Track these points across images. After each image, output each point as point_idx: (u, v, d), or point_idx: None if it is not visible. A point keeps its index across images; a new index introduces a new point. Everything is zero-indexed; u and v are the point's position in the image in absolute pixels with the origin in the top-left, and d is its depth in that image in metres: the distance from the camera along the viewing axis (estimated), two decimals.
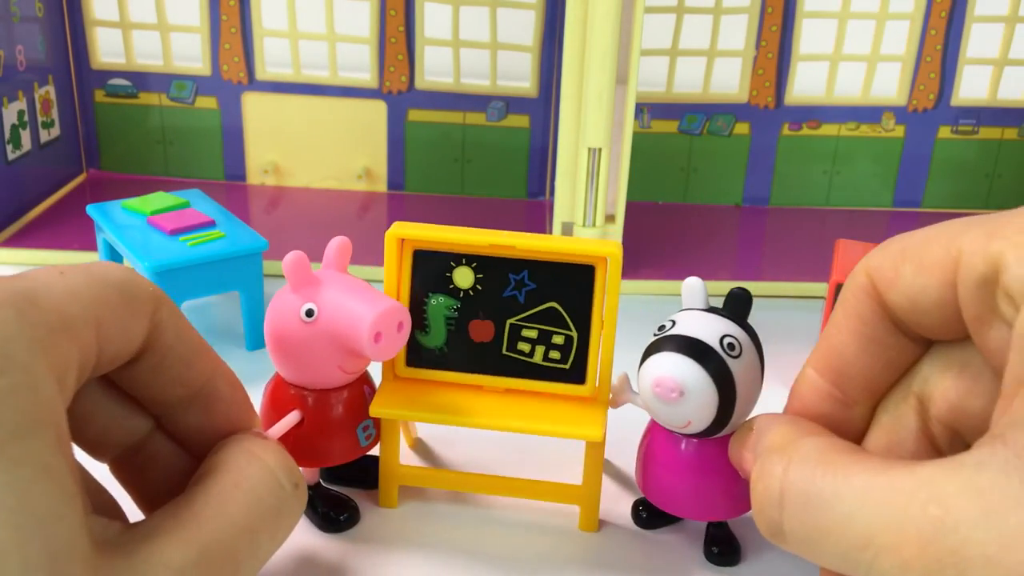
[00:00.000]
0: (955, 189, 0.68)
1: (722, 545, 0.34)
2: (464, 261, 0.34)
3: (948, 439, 0.26)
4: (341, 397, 0.34)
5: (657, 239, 0.61)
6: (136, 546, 0.23)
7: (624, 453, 0.37)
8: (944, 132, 0.66)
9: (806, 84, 0.65)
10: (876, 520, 0.21)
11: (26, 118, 0.59)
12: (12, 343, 0.21)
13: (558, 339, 0.34)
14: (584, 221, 0.53)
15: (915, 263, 0.24)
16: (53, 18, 0.62)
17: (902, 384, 0.26)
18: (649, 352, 0.31)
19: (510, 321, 0.34)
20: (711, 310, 0.32)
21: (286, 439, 0.33)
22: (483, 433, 0.38)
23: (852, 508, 0.21)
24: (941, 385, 0.25)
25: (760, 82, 0.65)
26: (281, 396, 0.34)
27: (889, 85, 0.65)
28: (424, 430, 0.40)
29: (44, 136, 0.61)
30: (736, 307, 0.32)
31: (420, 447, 0.40)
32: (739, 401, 0.30)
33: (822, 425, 0.26)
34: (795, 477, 0.23)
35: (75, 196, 0.64)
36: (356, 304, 0.31)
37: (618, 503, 0.37)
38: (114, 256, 0.50)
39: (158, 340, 0.26)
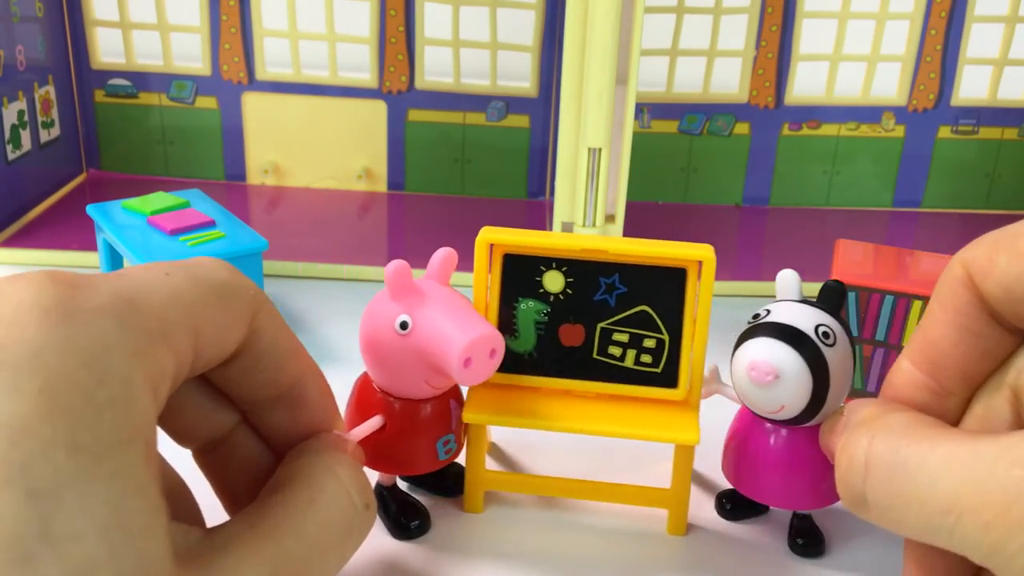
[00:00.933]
0: (955, 189, 0.68)
1: (807, 536, 0.34)
2: (554, 265, 0.34)
3: None
4: (426, 409, 0.33)
5: (657, 239, 0.61)
6: (214, 557, 0.23)
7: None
8: (944, 132, 0.66)
9: (806, 84, 0.65)
10: (959, 485, 0.21)
11: (26, 118, 0.59)
12: (112, 353, 0.21)
13: (649, 343, 0.34)
14: (584, 221, 0.53)
15: (1009, 252, 0.24)
16: (53, 18, 0.62)
17: (997, 375, 0.26)
18: (744, 338, 0.31)
19: (601, 325, 0.34)
20: (805, 301, 0.32)
21: (366, 442, 0.33)
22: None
23: (936, 475, 0.22)
24: None
25: (760, 82, 0.65)
26: (367, 397, 0.34)
27: (889, 85, 0.65)
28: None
29: (44, 136, 0.61)
30: (830, 299, 0.32)
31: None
32: (832, 389, 0.31)
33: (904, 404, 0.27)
34: (880, 447, 0.24)
35: (75, 196, 0.64)
36: (450, 326, 0.31)
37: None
38: (114, 256, 0.50)
39: (254, 345, 0.26)
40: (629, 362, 0.34)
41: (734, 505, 0.36)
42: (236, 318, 0.25)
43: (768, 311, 0.32)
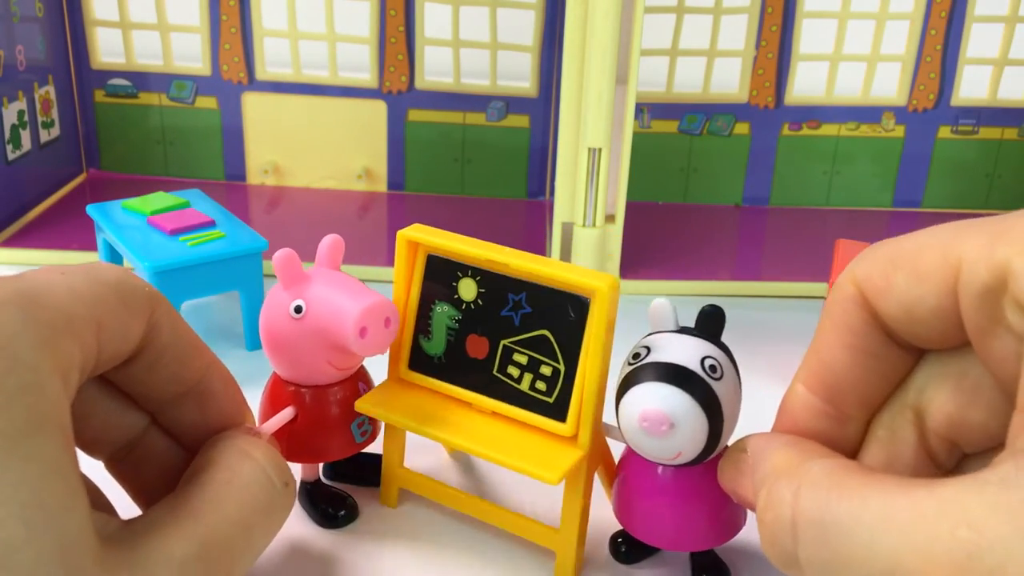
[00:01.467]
0: (955, 189, 0.68)
1: (711, 572, 0.32)
2: (470, 273, 0.33)
3: (947, 451, 0.25)
4: (335, 394, 0.34)
5: (657, 239, 0.61)
6: (138, 540, 0.23)
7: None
8: (944, 132, 0.66)
9: (806, 84, 0.65)
10: (901, 545, 0.20)
11: (26, 118, 0.59)
12: (18, 342, 0.21)
13: (546, 370, 0.32)
14: (584, 221, 0.53)
15: (909, 271, 0.23)
16: (53, 18, 0.62)
17: (896, 397, 0.26)
18: (628, 383, 0.29)
19: (504, 342, 0.33)
20: (683, 331, 0.30)
21: (281, 435, 0.33)
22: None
23: (874, 534, 0.20)
24: (938, 397, 0.25)
25: (760, 82, 0.65)
26: (278, 393, 0.34)
27: (889, 85, 0.65)
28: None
29: (44, 136, 0.61)
30: (710, 325, 0.30)
31: (426, 450, 0.39)
32: (725, 425, 0.29)
33: (816, 443, 0.25)
34: (807, 503, 0.22)
35: (75, 196, 0.64)
36: (342, 299, 0.31)
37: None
38: (114, 256, 0.50)
39: (154, 340, 0.26)
40: (525, 386, 0.32)
41: (629, 547, 0.33)
42: (134, 312, 0.25)
43: (647, 348, 0.29)
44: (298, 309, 0.32)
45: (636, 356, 0.29)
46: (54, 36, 0.63)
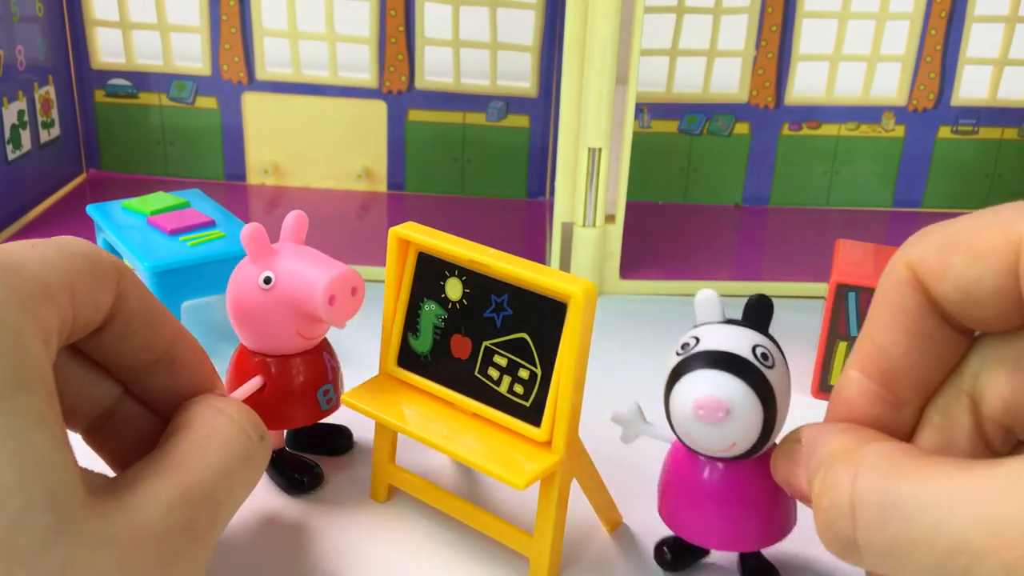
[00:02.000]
0: (955, 189, 0.68)
1: (760, 574, 0.32)
2: (456, 273, 0.33)
3: (1002, 438, 0.25)
4: (301, 362, 0.35)
5: (657, 239, 0.61)
6: (125, 489, 0.24)
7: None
8: (944, 132, 0.66)
9: (806, 84, 0.65)
10: (969, 524, 0.19)
11: (26, 118, 0.59)
12: (1, 307, 0.22)
13: (523, 373, 0.32)
14: (584, 221, 0.53)
15: (966, 252, 0.23)
16: (53, 18, 0.62)
17: (951, 382, 0.25)
18: (680, 372, 0.28)
19: (486, 343, 0.33)
20: (729, 321, 0.30)
21: (249, 403, 0.33)
22: None
23: (940, 514, 0.20)
24: (994, 382, 0.24)
25: (760, 82, 0.65)
26: (244, 364, 0.35)
27: (889, 85, 0.65)
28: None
29: (44, 136, 0.61)
30: (758, 315, 0.29)
31: (418, 447, 0.38)
32: (778, 415, 0.28)
33: (872, 429, 0.25)
34: (866, 487, 0.22)
35: (75, 196, 0.64)
36: (311, 269, 0.33)
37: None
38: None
39: (123, 307, 0.27)
40: (504, 388, 0.32)
41: (675, 554, 0.33)
42: (103, 281, 0.26)
43: (697, 339, 0.29)
44: (267, 280, 0.33)
45: (685, 347, 0.29)
46: (54, 36, 0.63)
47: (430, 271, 0.34)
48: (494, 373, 0.33)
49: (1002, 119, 0.66)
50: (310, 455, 0.38)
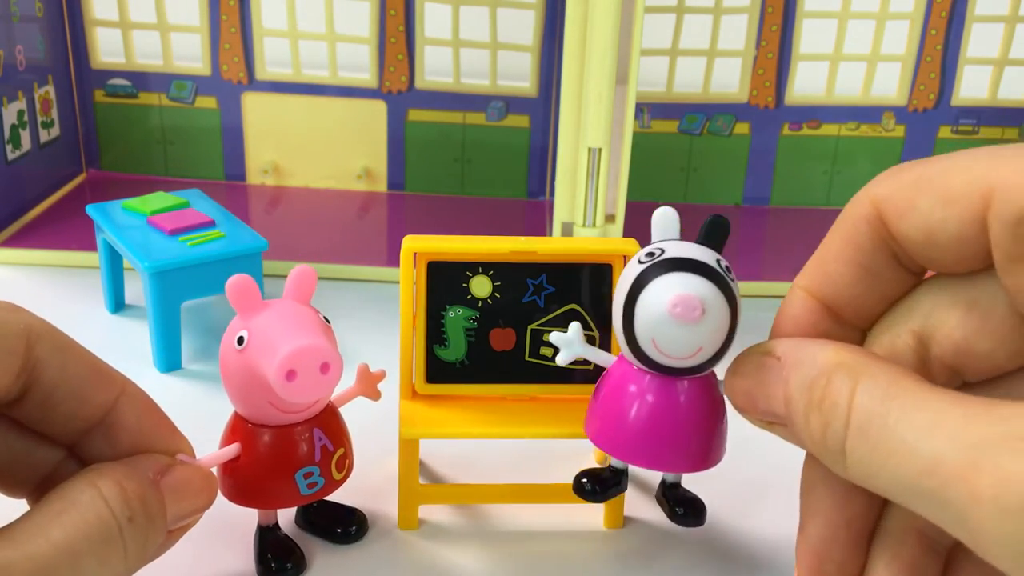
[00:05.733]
0: None
1: (686, 506, 0.33)
2: (480, 270, 0.34)
3: (947, 378, 0.25)
4: (281, 437, 0.31)
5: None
6: None
7: None
8: (944, 132, 0.66)
9: (806, 84, 0.65)
10: (944, 448, 0.20)
11: (26, 118, 0.59)
12: None
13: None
14: (584, 221, 0.53)
15: (934, 195, 0.23)
16: (53, 18, 0.62)
17: (896, 319, 0.25)
18: (649, 276, 0.28)
19: (531, 327, 0.34)
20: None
21: (226, 471, 0.32)
22: (485, 446, 0.38)
23: (919, 433, 0.20)
24: (946, 324, 0.24)
25: (760, 82, 0.65)
26: (231, 426, 0.32)
27: (889, 85, 0.65)
28: (432, 448, 0.39)
29: (44, 136, 0.61)
30: (715, 235, 0.30)
31: (431, 469, 0.39)
32: (737, 329, 0.28)
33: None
34: (864, 397, 0.22)
35: (75, 196, 0.64)
36: (278, 336, 0.28)
37: (639, 499, 0.37)
38: (114, 256, 0.50)
39: (39, 378, 0.26)
40: None
41: (594, 484, 0.32)
42: (3, 352, 0.25)
43: (662, 250, 0.29)
44: (240, 340, 0.29)
45: (651, 255, 0.29)
46: (54, 36, 0.62)
47: (446, 277, 0.34)
48: (547, 351, 0.34)
49: (1002, 119, 0.66)
50: (319, 535, 0.35)
